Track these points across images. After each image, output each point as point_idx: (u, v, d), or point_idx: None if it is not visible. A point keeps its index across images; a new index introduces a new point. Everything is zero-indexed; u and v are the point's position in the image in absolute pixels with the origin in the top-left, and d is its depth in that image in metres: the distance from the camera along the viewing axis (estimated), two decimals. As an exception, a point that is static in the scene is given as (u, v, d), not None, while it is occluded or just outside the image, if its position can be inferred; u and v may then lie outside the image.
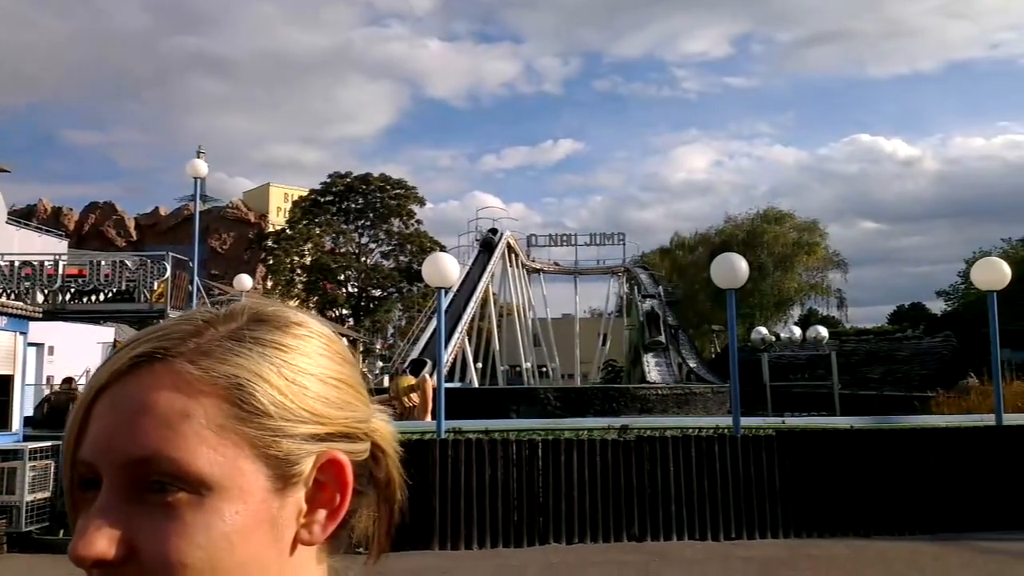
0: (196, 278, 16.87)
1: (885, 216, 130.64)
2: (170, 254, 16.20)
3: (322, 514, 0.61)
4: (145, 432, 0.56)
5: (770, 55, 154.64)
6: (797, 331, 34.07)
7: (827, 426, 11.13)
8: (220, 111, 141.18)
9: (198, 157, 17.23)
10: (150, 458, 0.55)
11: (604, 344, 55.25)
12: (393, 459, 0.71)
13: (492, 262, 43.71)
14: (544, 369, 55.02)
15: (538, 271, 55.95)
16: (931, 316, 60.92)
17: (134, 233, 75.46)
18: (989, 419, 10.69)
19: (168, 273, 15.54)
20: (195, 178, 17.13)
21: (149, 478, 0.55)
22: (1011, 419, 10.92)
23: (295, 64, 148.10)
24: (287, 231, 56.83)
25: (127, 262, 15.94)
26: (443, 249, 46.40)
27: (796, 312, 63.37)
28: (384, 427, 0.70)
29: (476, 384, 38.61)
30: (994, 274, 10.74)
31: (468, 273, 41.18)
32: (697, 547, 8.75)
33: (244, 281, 17.99)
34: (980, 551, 8.50)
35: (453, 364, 35.82)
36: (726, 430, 9.96)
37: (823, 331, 33.68)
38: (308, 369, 0.62)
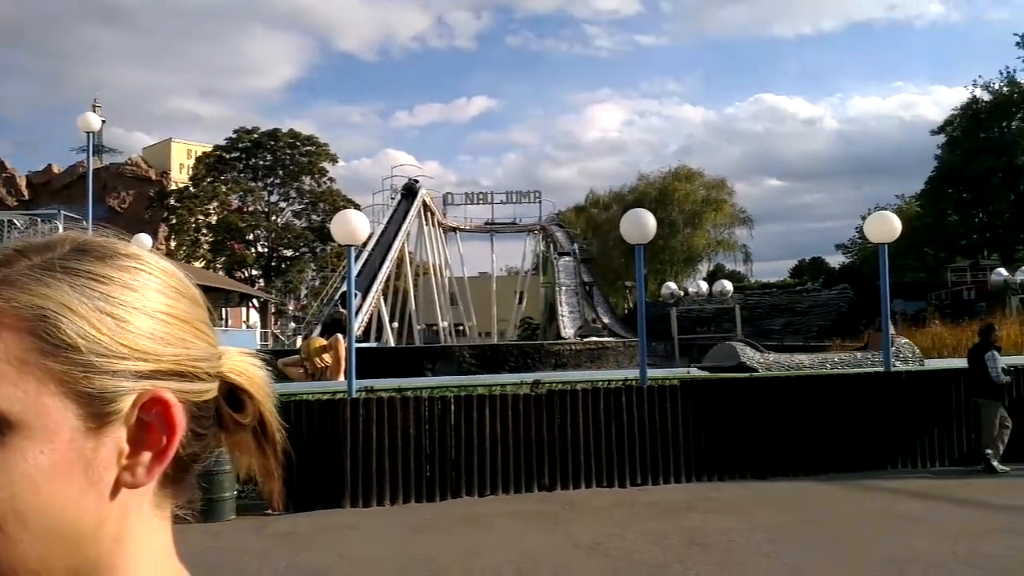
0: (91, 238, 16.01)
1: (788, 174, 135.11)
2: (62, 213, 15.38)
3: (147, 456, 0.57)
4: None
5: (679, 14, 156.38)
6: (704, 286, 35.23)
7: (728, 375, 11.57)
8: (114, 61, 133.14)
9: (93, 110, 16.33)
10: None
11: (521, 302, 55.66)
12: (265, 403, 0.68)
13: (408, 220, 43.17)
14: (461, 328, 55.09)
15: (454, 229, 55.62)
16: (830, 270, 63.94)
17: (26, 192, 70.98)
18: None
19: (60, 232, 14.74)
20: (87, 132, 16.22)
21: None
22: (898, 365, 11.64)
23: (193, 12, 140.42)
24: (191, 189, 54.65)
25: (16, 221, 15.04)
26: (357, 207, 45.58)
27: (705, 267, 65.45)
28: (249, 369, 0.67)
29: (392, 343, 38.36)
30: (885, 227, 11.27)
31: (384, 231, 40.59)
32: (605, 494, 9.02)
33: (143, 241, 17.19)
34: (868, 489, 9.06)
35: (369, 324, 35.45)
36: (634, 382, 10.24)
37: (728, 285, 34.94)
38: (131, 302, 0.57)
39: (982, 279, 37.15)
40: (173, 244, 54.94)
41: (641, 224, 10.44)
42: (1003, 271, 31.89)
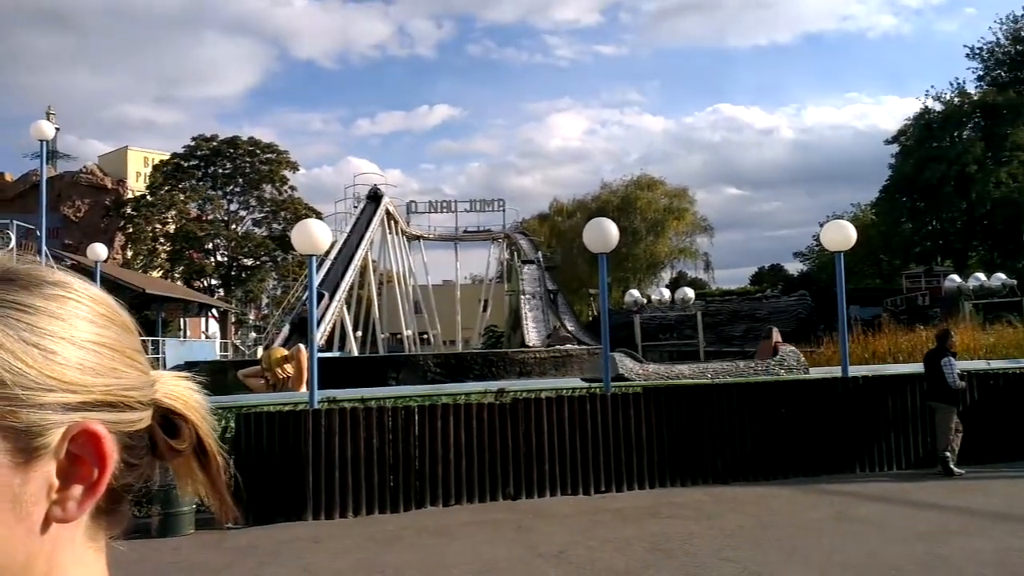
0: (44, 248, 15.71)
1: (747, 182, 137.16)
2: (14, 222, 15.01)
3: (78, 489, 0.56)
4: None
5: (637, 24, 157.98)
6: (667, 293, 35.58)
7: (691, 382, 11.69)
8: (66, 68, 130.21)
9: (47, 118, 15.97)
10: None
11: (485, 310, 55.65)
12: (202, 426, 0.67)
13: (371, 229, 42.92)
14: (425, 336, 54.87)
15: (418, 238, 55.47)
16: (789, 277, 65.01)
17: (-24, 201, 69.15)
18: (837, 371, 11.54)
19: (12, 243, 14.38)
20: (41, 140, 15.88)
21: None
22: (857, 370, 11.85)
23: (145, 18, 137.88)
24: (148, 197, 53.68)
25: (-35, 232, 14.64)
26: (319, 216, 45.20)
27: (667, 275, 66.22)
28: (184, 393, 0.66)
29: (356, 353, 38.04)
30: (841, 236, 11.49)
31: (346, 240, 40.29)
32: (570, 502, 9.03)
33: (98, 251, 16.88)
34: (827, 492, 9.20)
35: (332, 333, 35.11)
36: (598, 389, 10.29)
37: (690, 293, 35.36)
38: (58, 332, 0.56)
39: (936, 285, 38.10)
40: (130, 253, 53.93)
41: (604, 233, 10.51)
42: (956, 277, 32.76)
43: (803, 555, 6.55)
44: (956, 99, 49.45)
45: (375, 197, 46.52)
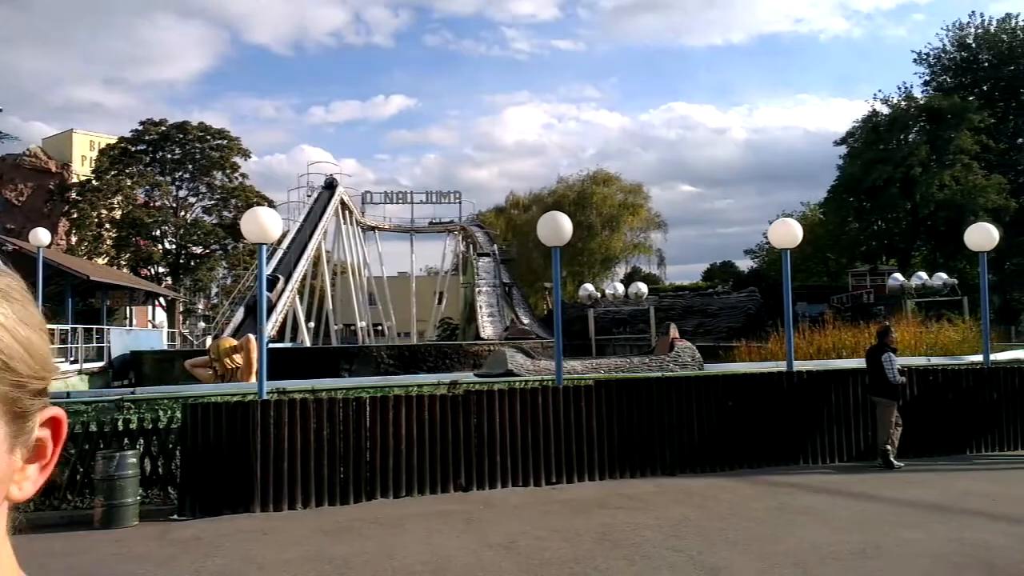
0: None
1: (700, 180, 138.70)
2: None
3: (33, 469, 0.59)
4: None
5: (595, 20, 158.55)
6: (621, 288, 35.88)
7: (641, 375, 11.83)
8: (9, 46, 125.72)
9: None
10: None
11: (441, 302, 55.46)
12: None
13: (326, 218, 42.40)
14: (380, 328, 54.48)
15: (373, 228, 54.97)
16: (740, 273, 66.11)
17: (-88, 182, 66.45)
18: (783, 365, 11.79)
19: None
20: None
21: None
22: (802, 365, 12.13)
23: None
24: (94, 182, 52.14)
25: None
26: (272, 204, 44.52)
27: (621, 270, 66.80)
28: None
29: (308, 344, 37.61)
30: (788, 233, 11.74)
31: (299, 229, 39.74)
32: (521, 493, 9.08)
33: (41, 236, 16.37)
34: (771, 484, 9.41)
35: (284, 324, 34.64)
36: (550, 382, 10.36)
37: (643, 288, 35.73)
38: (30, 317, 0.58)
39: (880, 283, 39.14)
40: (74, 239, 52.39)
41: (557, 227, 10.56)
42: (899, 276, 33.68)
43: (746, 544, 6.69)
44: (903, 103, 50.80)
45: (330, 186, 46.00)
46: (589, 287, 36.84)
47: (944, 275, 32.35)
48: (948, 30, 53.06)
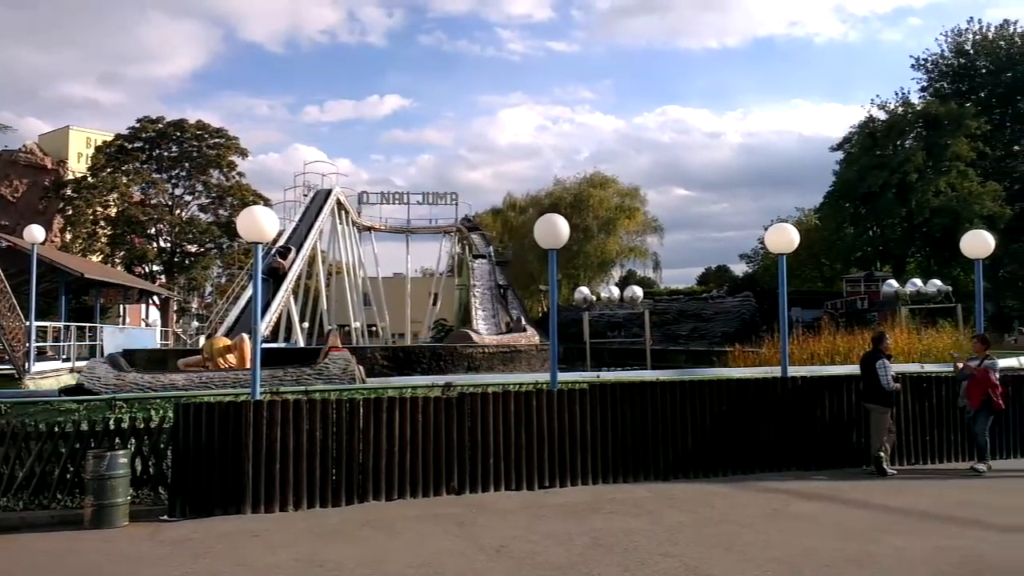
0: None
1: (694, 184, 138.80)
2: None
3: None
4: None
5: (589, 22, 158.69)
6: (616, 291, 35.93)
7: (635, 379, 11.80)
8: (4, 42, 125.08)
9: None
10: None
11: (435, 304, 55.42)
12: None
13: (321, 218, 42.29)
14: (374, 328, 54.42)
15: (369, 229, 54.90)
16: (734, 278, 66.20)
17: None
18: (777, 371, 11.79)
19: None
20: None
21: None
22: (796, 371, 12.13)
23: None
24: (89, 179, 51.98)
25: None
26: (267, 203, 44.45)
27: (617, 273, 66.85)
28: None
29: (302, 344, 37.49)
30: (784, 238, 11.75)
31: (295, 229, 39.63)
32: (513, 497, 9.04)
33: (35, 232, 16.29)
34: (765, 490, 9.39)
35: (278, 324, 34.53)
36: (544, 385, 10.32)
37: (639, 291, 35.76)
38: None
39: (875, 289, 39.23)
40: (69, 236, 52.24)
41: (554, 229, 10.54)
42: (894, 282, 33.78)
43: (740, 550, 6.67)
44: (900, 109, 50.95)
45: (328, 191, 45.85)
46: (584, 290, 36.89)
47: (939, 282, 32.45)
48: (947, 36, 53.29)
